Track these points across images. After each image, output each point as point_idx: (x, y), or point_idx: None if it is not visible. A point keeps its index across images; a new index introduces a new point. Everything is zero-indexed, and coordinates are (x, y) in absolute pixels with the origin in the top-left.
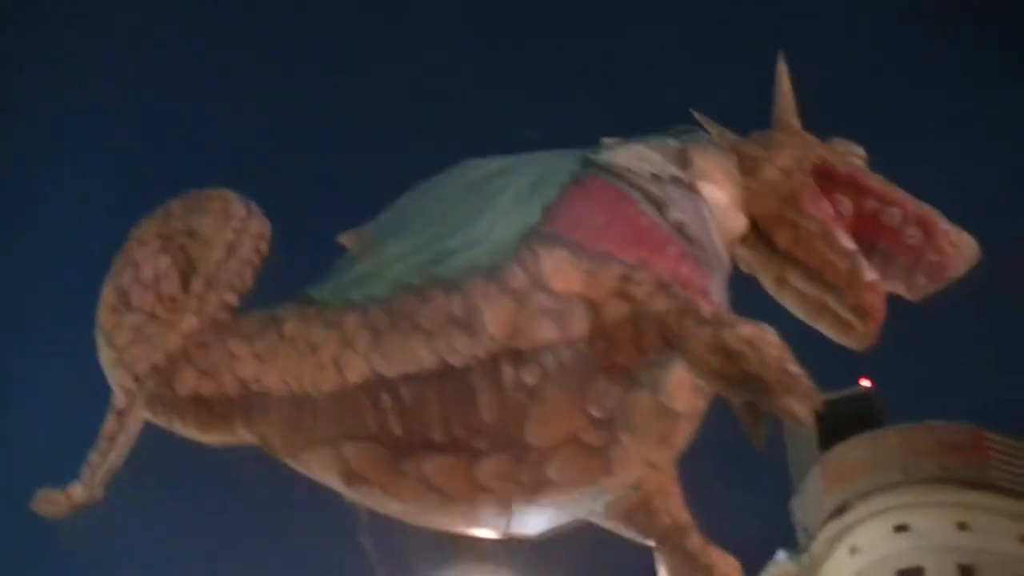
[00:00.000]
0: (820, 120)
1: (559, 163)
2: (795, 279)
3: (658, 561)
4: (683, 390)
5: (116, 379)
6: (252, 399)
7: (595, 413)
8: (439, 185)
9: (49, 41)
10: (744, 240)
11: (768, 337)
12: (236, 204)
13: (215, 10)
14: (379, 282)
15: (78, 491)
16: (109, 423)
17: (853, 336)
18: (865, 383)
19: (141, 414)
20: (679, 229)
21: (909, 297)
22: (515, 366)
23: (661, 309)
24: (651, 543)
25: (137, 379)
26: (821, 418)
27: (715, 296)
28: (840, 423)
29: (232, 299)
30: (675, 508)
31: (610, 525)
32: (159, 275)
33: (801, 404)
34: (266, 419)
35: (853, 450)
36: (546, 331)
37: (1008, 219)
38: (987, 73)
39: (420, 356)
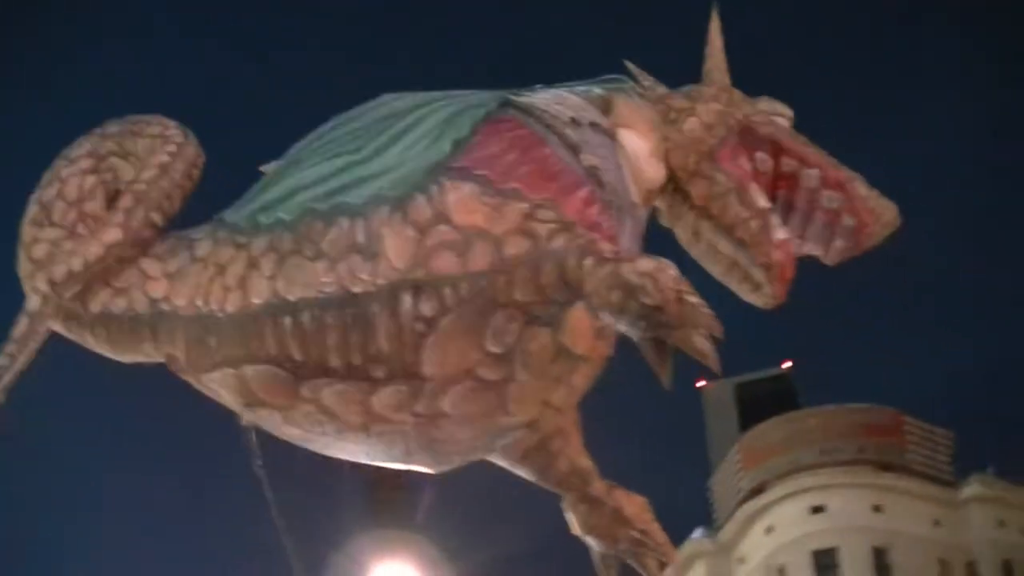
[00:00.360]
0: (752, 78)
1: (476, 101)
2: (708, 234)
3: (566, 512)
4: (583, 333)
5: (32, 286)
6: (160, 318)
7: (492, 348)
8: (355, 117)
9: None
10: (662, 191)
11: (667, 270)
12: (174, 129)
13: None
14: (288, 207)
15: None
16: (20, 326)
17: (761, 295)
18: (786, 364)
19: (51, 322)
20: (592, 173)
21: (826, 261)
22: (414, 296)
23: (561, 247)
24: (552, 488)
25: (53, 284)
26: (741, 399)
27: (624, 242)
28: (759, 404)
29: (158, 219)
30: (575, 453)
31: (508, 465)
32: (83, 195)
33: (701, 335)
34: (172, 339)
35: (772, 430)
36: (447, 263)
37: (936, 190)
38: (917, 36)
39: (322, 281)
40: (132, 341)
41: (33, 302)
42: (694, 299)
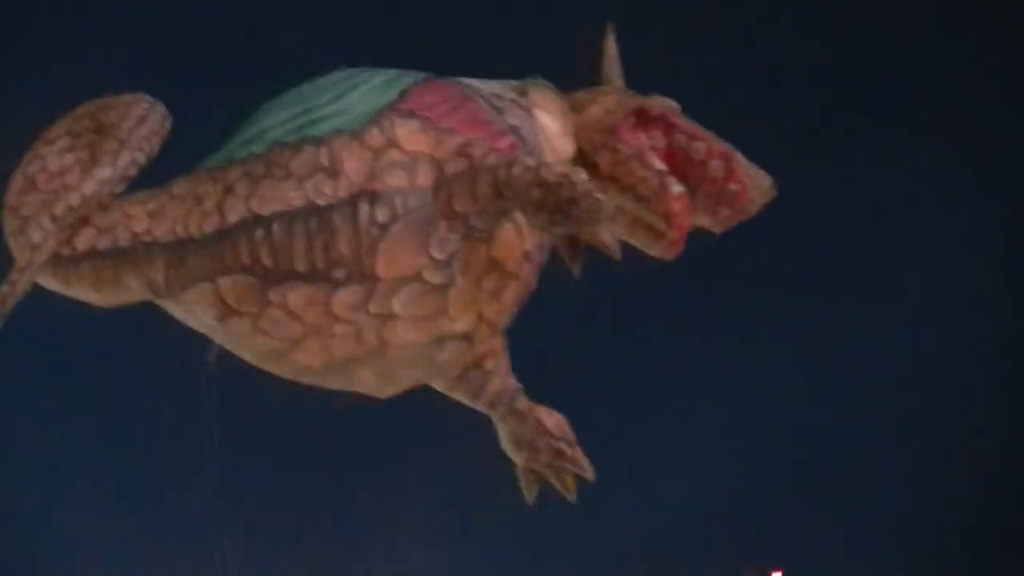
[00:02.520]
0: (641, 84)
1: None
2: (615, 198)
3: (496, 426)
4: (512, 251)
5: (21, 240)
6: (143, 248)
7: (436, 255)
8: (314, 82)
9: None
10: (572, 164)
11: (580, 173)
12: (143, 97)
13: None
14: (259, 144)
15: None
16: (21, 259)
17: (662, 244)
18: None
19: (37, 271)
20: (515, 131)
21: (714, 229)
22: (371, 205)
23: (493, 162)
24: (483, 407)
25: (54, 219)
26: None
27: None
28: None
29: (141, 159)
30: (505, 373)
31: (445, 388)
32: (64, 169)
33: (608, 230)
34: (152, 264)
35: None
36: (397, 179)
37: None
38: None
39: (291, 196)
40: (116, 275)
41: (36, 236)
42: (603, 197)
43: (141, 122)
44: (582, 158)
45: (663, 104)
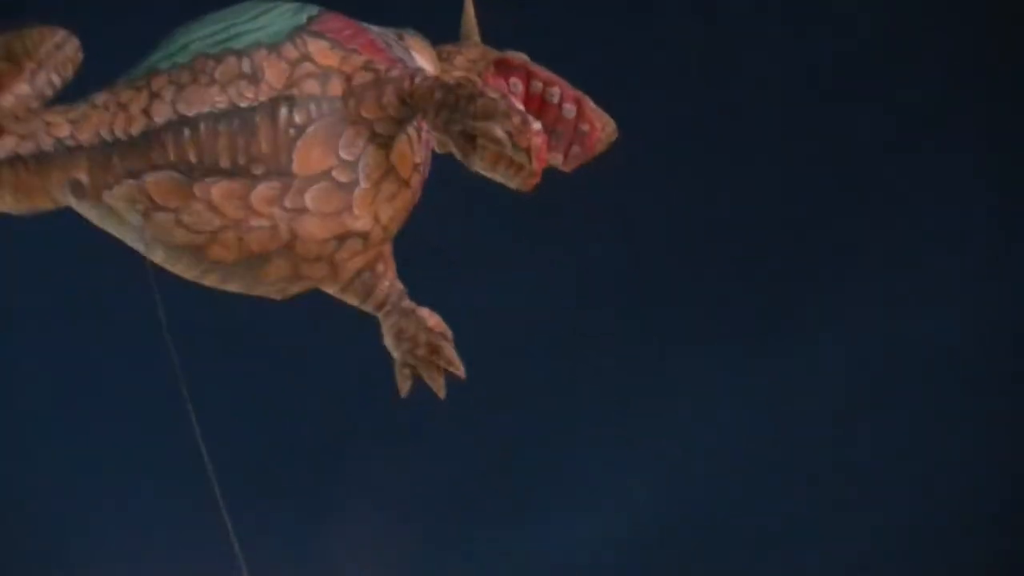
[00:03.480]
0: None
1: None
2: (479, 140)
3: (381, 323)
4: (406, 160)
5: None
6: (67, 152)
7: (345, 156)
8: (231, 7)
9: None
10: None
11: (475, 78)
12: (57, 28)
13: None
14: (183, 55)
15: None
16: None
17: (523, 175)
18: None
19: None
20: (401, 61)
21: (564, 168)
22: (288, 109)
23: (397, 74)
24: (371, 308)
25: None
26: None
27: None
28: None
29: (57, 81)
30: (393, 276)
31: (337, 292)
32: None
33: (502, 127)
34: (77, 166)
35: None
36: (311, 87)
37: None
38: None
39: (215, 100)
40: (40, 179)
41: None
42: (496, 95)
43: (58, 48)
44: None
45: (520, 56)
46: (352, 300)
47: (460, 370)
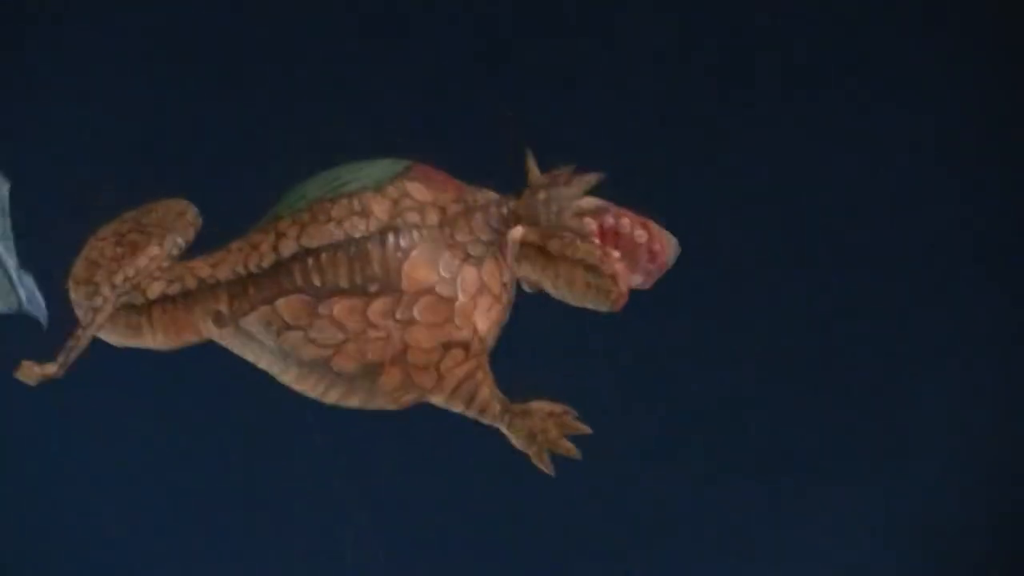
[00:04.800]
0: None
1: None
2: (566, 272)
3: (509, 434)
4: (495, 277)
5: (85, 304)
6: (209, 289)
7: (444, 274)
8: (337, 167)
9: None
10: (525, 256)
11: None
12: (179, 199)
13: None
14: (302, 203)
15: (51, 368)
16: (85, 317)
17: (611, 297)
18: None
19: (101, 328)
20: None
21: (643, 287)
22: (395, 236)
23: (484, 203)
24: (475, 414)
25: (114, 287)
26: None
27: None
28: None
29: (182, 243)
30: (492, 384)
31: (443, 401)
32: (116, 256)
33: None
34: (218, 299)
35: None
36: (413, 217)
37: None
38: None
39: (333, 233)
40: (186, 313)
41: (98, 300)
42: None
43: (180, 215)
44: (532, 248)
45: (591, 201)
46: (458, 407)
47: (587, 429)
